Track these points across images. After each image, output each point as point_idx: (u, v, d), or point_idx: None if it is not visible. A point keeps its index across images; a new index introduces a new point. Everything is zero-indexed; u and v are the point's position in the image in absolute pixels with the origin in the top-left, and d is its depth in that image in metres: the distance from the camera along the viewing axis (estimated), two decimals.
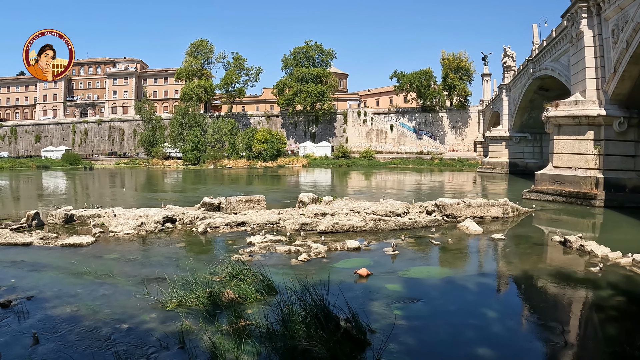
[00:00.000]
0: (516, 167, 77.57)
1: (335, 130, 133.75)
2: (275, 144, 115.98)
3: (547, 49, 55.03)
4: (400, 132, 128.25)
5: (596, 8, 35.50)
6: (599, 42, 35.78)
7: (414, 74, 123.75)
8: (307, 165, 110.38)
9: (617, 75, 33.45)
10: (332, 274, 13.64)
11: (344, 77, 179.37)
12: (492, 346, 9.38)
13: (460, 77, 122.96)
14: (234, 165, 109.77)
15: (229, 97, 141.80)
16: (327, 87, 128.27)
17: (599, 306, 12.57)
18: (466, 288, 13.60)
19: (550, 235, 21.89)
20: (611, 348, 9.39)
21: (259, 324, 9.22)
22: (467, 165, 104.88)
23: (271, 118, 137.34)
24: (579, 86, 37.44)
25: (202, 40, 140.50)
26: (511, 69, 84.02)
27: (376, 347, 8.59)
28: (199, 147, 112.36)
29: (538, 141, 77.61)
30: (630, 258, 16.39)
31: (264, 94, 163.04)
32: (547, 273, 15.52)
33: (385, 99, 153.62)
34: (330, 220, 21.13)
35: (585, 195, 34.28)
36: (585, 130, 35.60)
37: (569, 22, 39.57)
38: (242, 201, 25.60)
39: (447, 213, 24.55)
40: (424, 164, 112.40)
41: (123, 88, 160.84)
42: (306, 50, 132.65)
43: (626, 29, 31.74)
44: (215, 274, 12.87)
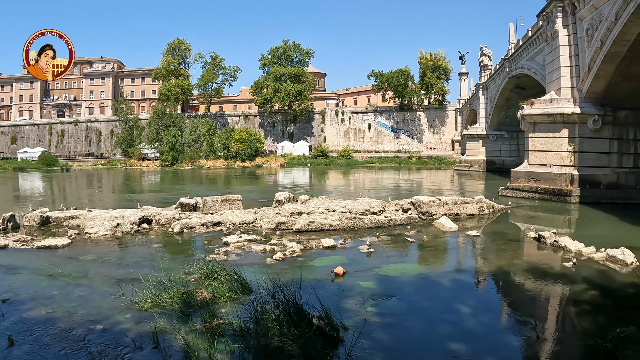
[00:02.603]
0: (493, 164, 78.17)
1: (313, 129, 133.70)
2: (253, 144, 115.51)
3: (523, 48, 55.56)
4: (378, 131, 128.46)
5: (571, 7, 35.95)
6: (574, 41, 36.26)
7: (391, 73, 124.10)
8: (285, 165, 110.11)
9: (592, 73, 33.87)
10: (307, 272, 13.77)
11: (322, 77, 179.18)
12: (466, 341, 9.45)
13: (437, 76, 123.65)
14: (211, 165, 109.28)
15: (207, 97, 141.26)
16: (304, 86, 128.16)
17: (573, 300, 12.77)
18: (441, 284, 13.70)
19: (525, 231, 22.11)
20: (584, 341, 9.53)
21: (232, 322, 9.22)
22: (444, 164, 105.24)
23: (249, 118, 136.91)
24: (554, 84, 37.87)
25: (180, 40, 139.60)
26: (488, 67, 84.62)
27: (349, 343, 8.65)
28: (177, 147, 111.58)
29: (515, 139, 78.18)
30: (604, 253, 16.65)
31: (241, 94, 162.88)
32: (522, 269, 15.75)
33: (363, 98, 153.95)
34: (306, 219, 21.18)
35: (560, 192, 34.70)
36: (560, 127, 36.00)
37: (544, 22, 39.97)
38: (218, 201, 25.59)
39: (422, 211, 24.66)
40: (402, 163, 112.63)
41: (100, 88, 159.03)
42: (284, 50, 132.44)
43: (600, 28, 32.14)
44: (190, 274, 12.88)
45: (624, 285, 13.70)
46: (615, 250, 16.38)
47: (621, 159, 35.56)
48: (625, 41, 30.47)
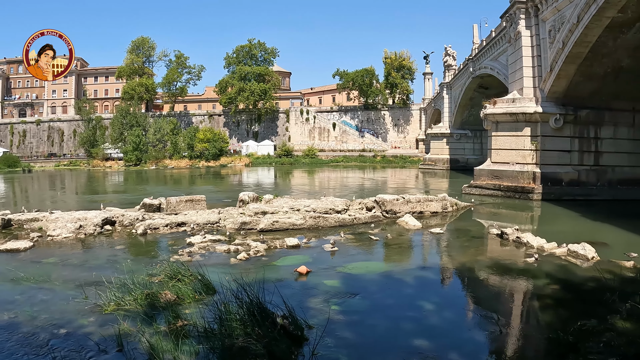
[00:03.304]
0: (457, 163, 78.87)
1: (277, 128, 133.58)
2: (218, 143, 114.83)
3: (486, 49, 56.09)
4: (343, 130, 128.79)
5: (534, 9, 36.49)
6: (536, 42, 36.86)
7: (356, 73, 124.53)
8: (249, 165, 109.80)
9: (554, 74, 34.42)
10: (271, 272, 13.75)
11: (287, 76, 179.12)
12: (430, 337, 9.55)
13: (402, 75, 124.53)
14: (176, 165, 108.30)
15: (171, 96, 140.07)
16: (269, 85, 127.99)
17: (535, 295, 12.99)
18: (405, 282, 13.79)
19: (488, 228, 22.32)
20: (546, 334, 9.65)
21: (196, 323, 9.16)
22: (409, 162, 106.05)
23: (213, 117, 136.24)
24: (517, 84, 38.37)
25: (144, 38, 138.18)
26: (452, 67, 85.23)
27: (313, 342, 8.66)
28: (141, 147, 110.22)
29: (478, 138, 78.89)
30: (565, 248, 17.00)
31: (206, 93, 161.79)
32: (485, 265, 15.94)
33: (328, 97, 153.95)
34: (270, 219, 21.14)
35: (523, 189, 35.18)
36: (522, 126, 36.49)
37: (508, 23, 40.53)
38: (182, 201, 25.43)
39: (386, 209, 24.76)
40: (367, 161, 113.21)
41: (63, 87, 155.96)
42: (249, 49, 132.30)
43: (562, 30, 32.70)
44: (154, 275, 12.75)
45: (585, 280, 13.91)
46: (576, 246, 16.69)
47: (582, 157, 36.19)
48: (586, 42, 31.02)
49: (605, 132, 36.48)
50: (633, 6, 27.41)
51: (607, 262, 15.54)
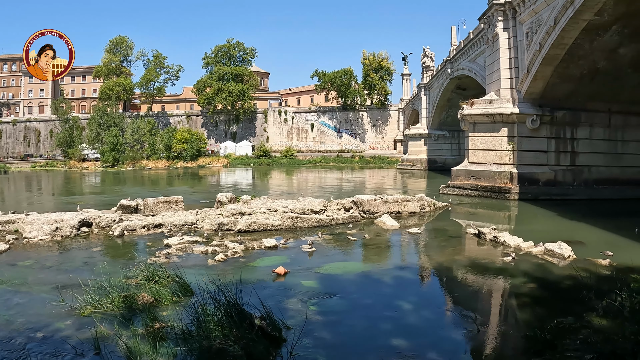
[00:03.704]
0: (435, 163, 79.45)
1: (256, 129, 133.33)
2: (196, 144, 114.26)
3: (464, 50, 56.58)
4: (321, 130, 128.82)
5: (512, 11, 36.92)
6: (514, 44, 37.32)
7: (334, 73, 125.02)
8: (227, 165, 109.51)
9: (530, 75, 34.82)
10: (249, 273, 13.76)
11: (266, 76, 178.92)
12: (408, 337, 9.57)
13: (380, 76, 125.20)
14: (153, 166, 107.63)
15: (149, 96, 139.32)
16: (248, 85, 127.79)
17: (513, 293, 13.09)
18: (383, 282, 13.81)
19: (466, 228, 22.47)
20: (523, 332, 9.68)
21: (174, 325, 9.08)
22: (387, 163, 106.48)
23: (191, 117, 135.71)
24: (494, 85, 38.71)
25: (122, 37, 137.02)
26: (430, 69, 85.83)
27: (291, 342, 8.65)
28: (118, 147, 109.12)
29: (456, 138, 79.63)
30: (542, 247, 17.18)
31: (184, 93, 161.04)
32: (462, 264, 16.07)
33: (306, 98, 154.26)
34: (248, 220, 21.07)
35: (500, 189, 35.48)
36: (499, 127, 36.80)
37: (486, 25, 40.85)
38: (159, 202, 25.25)
39: (364, 209, 24.82)
40: (345, 162, 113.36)
41: (39, 86, 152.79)
42: (228, 49, 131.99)
43: (539, 32, 33.10)
44: (131, 278, 12.61)
45: (561, 278, 14.05)
46: (553, 245, 16.89)
47: (559, 157, 36.61)
48: (563, 45, 31.42)
49: (581, 133, 36.95)
50: (609, 9, 27.81)
51: (584, 261, 15.70)
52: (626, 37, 30.62)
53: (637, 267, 14.70)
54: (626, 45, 31.46)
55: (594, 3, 27.57)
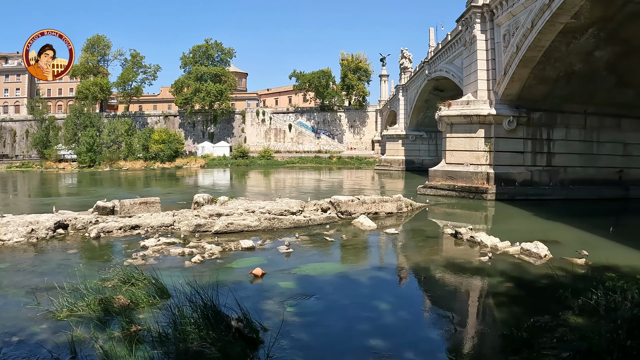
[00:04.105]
0: (412, 164, 79.91)
1: (233, 130, 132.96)
2: (173, 145, 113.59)
3: (442, 52, 56.96)
4: (299, 131, 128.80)
5: (489, 14, 37.21)
6: (491, 46, 37.63)
7: (313, 74, 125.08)
8: (205, 166, 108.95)
9: (507, 77, 35.11)
10: (226, 274, 13.70)
11: (244, 77, 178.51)
12: (385, 337, 9.56)
13: (358, 77, 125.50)
14: (130, 166, 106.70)
15: (126, 96, 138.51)
16: (226, 86, 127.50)
17: (489, 293, 13.21)
18: (360, 282, 13.79)
19: (443, 228, 22.59)
20: (500, 331, 9.77)
21: (150, 328, 9.00)
22: (365, 163, 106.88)
23: (169, 118, 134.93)
24: (471, 87, 38.98)
25: (99, 36, 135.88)
26: (408, 70, 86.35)
27: (269, 344, 8.64)
28: (95, 148, 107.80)
29: (433, 139, 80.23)
30: (519, 247, 17.35)
31: (162, 93, 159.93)
32: (439, 264, 16.11)
33: (284, 99, 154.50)
34: (225, 221, 20.97)
35: (477, 190, 35.76)
36: (476, 128, 37.07)
37: (464, 27, 41.12)
38: (136, 204, 25.05)
39: (341, 210, 24.85)
40: (323, 163, 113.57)
41: (15, 85, 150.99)
42: (206, 49, 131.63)
43: (517, 34, 33.40)
44: (108, 280, 12.44)
45: (538, 277, 14.18)
46: (529, 244, 17.05)
47: (535, 157, 37.00)
48: (540, 47, 31.76)
49: (557, 134, 37.38)
50: (586, 13, 28.15)
51: (560, 260, 15.90)
52: (602, 40, 31.02)
53: (612, 265, 14.98)
54: (602, 48, 31.88)
55: (571, 6, 27.86)
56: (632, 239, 21.06)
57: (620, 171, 39.06)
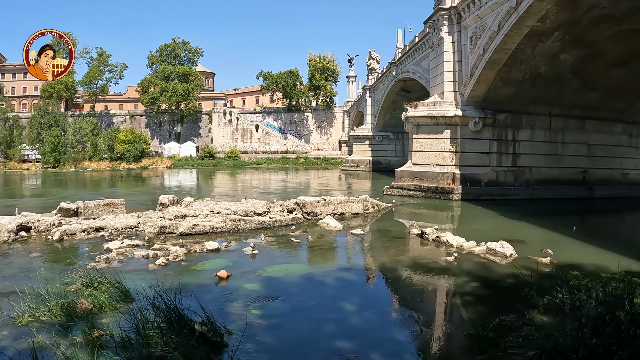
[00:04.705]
0: (379, 164, 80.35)
1: (200, 130, 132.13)
2: (139, 145, 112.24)
3: (409, 53, 57.35)
4: (266, 131, 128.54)
5: (457, 16, 37.57)
6: (458, 48, 37.97)
7: (280, 74, 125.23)
8: (171, 166, 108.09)
9: (474, 78, 35.43)
10: (190, 277, 13.56)
11: (211, 76, 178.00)
12: (351, 338, 9.55)
13: (326, 78, 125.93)
14: (95, 167, 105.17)
15: (92, 95, 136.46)
16: (193, 86, 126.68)
17: (455, 292, 13.31)
18: (325, 283, 13.76)
19: (409, 228, 22.64)
20: (466, 331, 9.77)
21: (113, 333, 8.83)
22: (332, 164, 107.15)
23: (135, 117, 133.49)
24: (438, 88, 39.27)
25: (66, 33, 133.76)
26: (375, 71, 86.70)
27: (233, 348, 8.56)
28: (59, 148, 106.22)
29: (400, 140, 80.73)
30: (484, 246, 17.47)
31: (128, 92, 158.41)
32: (405, 264, 16.13)
33: (251, 99, 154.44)
34: (190, 222, 20.78)
35: (443, 190, 36.01)
36: (442, 129, 37.32)
37: (431, 29, 41.42)
38: (100, 205, 24.73)
39: (307, 211, 24.82)
40: (289, 163, 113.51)
41: None
42: (173, 48, 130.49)
43: (483, 37, 33.74)
44: (70, 284, 12.18)
45: (503, 276, 14.29)
46: (495, 244, 17.20)
47: (500, 158, 37.37)
48: (506, 49, 32.10)
49: (522, 135, 37.86)
50: (552, 16, 28.55)
51: (525, 259, 16.11)
52: (567, 43, 31.46)
53: (576, 264, 15.20)
54: (567, 51, 32.35)
55: (537, 10, 28.19)
56: (595, 237, 21.53)
57: (584, 171, 39.72)
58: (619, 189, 40.82)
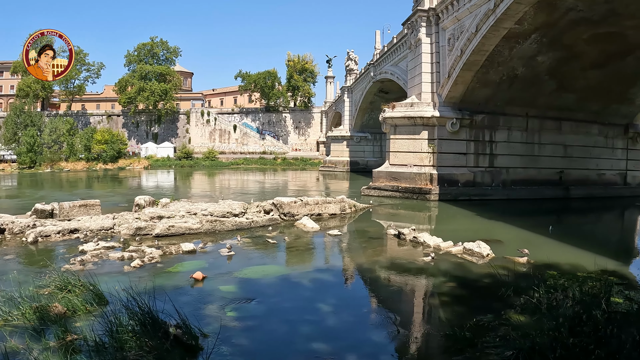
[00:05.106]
0: (357, 165, 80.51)
1: (178, 130, 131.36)
2: (116, 145, 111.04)
3: (387, 54, 57.46)
4: (244, 132, 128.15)
5: (435, 18, 37.72)
6: (436, 49, 38.15)
7: (258, 75, 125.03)
8: (148, 167, 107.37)
9: (451, 80, 35.61)
10: (166, 279, 13.47)
11: (189, 76, 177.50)
12: (328, 340, 9.54)
13: (304, 78, 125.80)
14: (72, 167, 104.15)
15: (68, 95, 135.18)
16: (171, 85, 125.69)
17: (433, 293, 13.32)
18: (302, 285, 13.75)
19: (386, 229, 22.69)
20: (443, 331, 9.75)
21: (87, 337, 8.69)
22: (309, 164, 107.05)
23: (112, 117, 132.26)
24: (416, 89, 39.40)
25: None
26: (354, 72, 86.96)
27: (208, 351, 8.50)
28: (35, 148, 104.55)
29: (378, 140, 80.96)
30: (461, 246, 17.58)
31: (105, 92, 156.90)
32: (382, 265, 16.13)
33: (229, 99, 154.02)
34: (166, 223, 20.61)
35: (420, 190, 36.09)
36: (420, 130, 37.44)
37: (409, 30, 41.52)
38: (76, 206, 24.48)
39: (284, 212, 24.78)
40: (267, 164, 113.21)
41: None
42: (151, 47, 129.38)
43: (461, 38, 33.93)
44: (44, 287, 12.00)
45: (480, 276, 14.36)
46: (471, 244, 17.31)
47: (478, 159, 37.57)
48: (484, 51, 32.31)
49: (499, 136, 38.14)
50: (529, 19, 28.81)
51: (502, 259, 16.23)
52: (544, 45, 31.78)
53: (553, 263, 15.34)
54: (544, 53, 32.64)
55: (515, 12, 28.40)
56: (572, 237, 21.76)
57: (560, 172, 40.13)
58: (595, 189, 41.34)
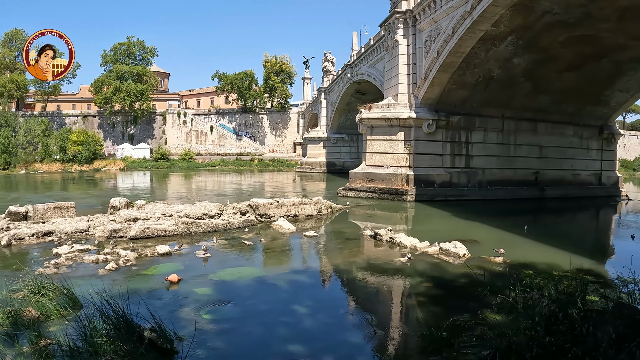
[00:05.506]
0: (334, 166, 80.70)
1: (154, 131, 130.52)
2: (92, 146, 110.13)
3: (364, 56, 57.66)
4: (220, 133, 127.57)
5: (412, 19, 37.93)
6: (413, 51, 38.38)
7: (235, 75, 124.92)
8: (124, 168, 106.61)
9: (428, 81, 35.80)
10: (141, 281, 13.37)
11: (166, 77, 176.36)
12: (304, 342, 9.52)
13: (281, 79, 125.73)
14: (47, 169, 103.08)
15: (44, 95, 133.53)
16: (147, 86, 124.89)
17: (409, 293, 13.34)
18: (279, 286, 13.72)
19: (363, 230, 22.80)
20: (419, 331, 9.77)
21: (60, 342, 8.56)
22: (286, 166, 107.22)
23: (88, 118, 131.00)
24: (392, 90, 39.56)
25: (18, 30, 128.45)
26: (331, 73, 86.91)
27: (184, 354, 8.45)
28: (10, 149, 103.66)
29: (355, 141, 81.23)
30: (438, 247, 17.66)
31: (81, 92, 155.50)
32: (359, 266, 16.16)
33: (206, 100, 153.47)
34: (142, 226, 20.45)
35: (397, 191, 36.25)
36: (396, 131, 37.57)
37: (386, 31, 41.64)
38: (50, 209, 24.21)
39: (260, 213, 24.76)
40: (244, 165, 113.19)
41: None
42: (127, 47, 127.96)
43: (438, 40, 34.12)
44: (17, 291, 11.87)
45: (457, 276, 14.43)
46: (448, 244, 17.41)
47: (454, 159, 37.81)
48: (460, 53, 32.53)
49: (475, 137, 38.42)
50: (506, 21, 29.04)
51: (478, 259, 16.35)
52: (520, 47, 32.10)
53: (529, 263, 15.49)
54: (520, 55, 32.98)
55: (492, 15, 28.59)
56: (547, 237, 21.99)
57: (536, 172, 40.55)
58: (570, 189, 41.90)
